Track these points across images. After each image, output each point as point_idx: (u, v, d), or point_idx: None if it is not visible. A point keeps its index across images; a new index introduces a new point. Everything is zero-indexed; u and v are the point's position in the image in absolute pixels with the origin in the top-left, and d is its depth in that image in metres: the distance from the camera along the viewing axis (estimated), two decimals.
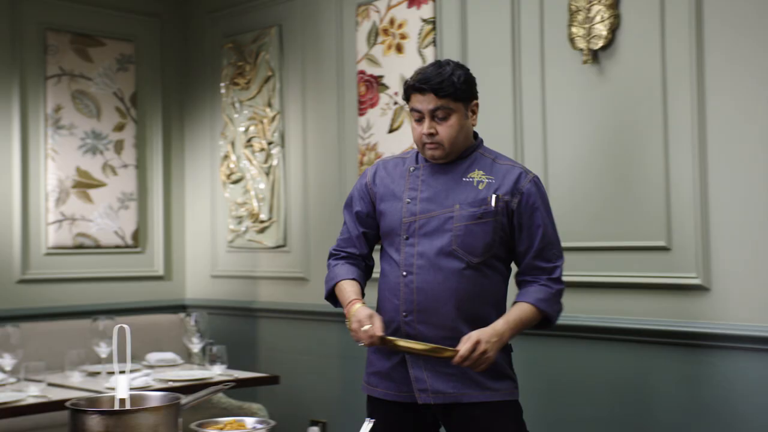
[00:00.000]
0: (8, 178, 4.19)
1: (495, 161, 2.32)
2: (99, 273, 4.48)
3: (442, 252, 2.24)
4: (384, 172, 2.40)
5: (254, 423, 1.97)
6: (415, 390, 2.27)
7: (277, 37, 4.22)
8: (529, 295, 2.27)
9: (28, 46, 4.27)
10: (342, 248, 2.43)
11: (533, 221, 2.27)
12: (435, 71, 2.23)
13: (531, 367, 3.21)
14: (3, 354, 3.08)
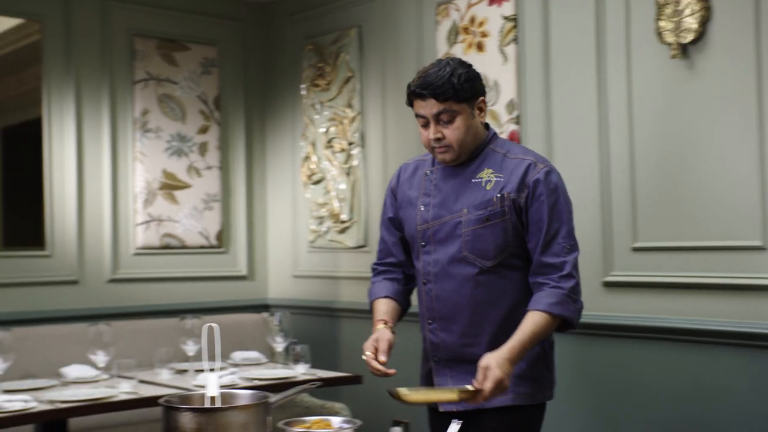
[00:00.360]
0: (99, 181, 4.32)
1: (506, 156, 2.24)
2: (185, 273, 4.58)
3: (454, 259, 2.21)
4: (404, 177, 2.38)
5: (340, 423, 1.98)
6: None
7: (356, 38, 4.24)
8: (540, 302, 2.15)
9: (117, 52, 4.39)
10: (381, 261, 2.43)
11: (539, 215, 2.17)
12: (434, 74, 2.15)
13: (615, 370, 3.13)
14: (96, 351, 3.17)
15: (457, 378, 2.23)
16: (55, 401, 2.90)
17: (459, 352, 2.24)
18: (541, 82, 3.39)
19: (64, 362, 3.87)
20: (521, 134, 3.47)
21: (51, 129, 4.19)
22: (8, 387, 3.13)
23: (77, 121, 4.25)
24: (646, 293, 3.08)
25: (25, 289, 4.10)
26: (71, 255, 4.22)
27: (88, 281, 4.28)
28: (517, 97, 3.47)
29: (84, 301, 4.25)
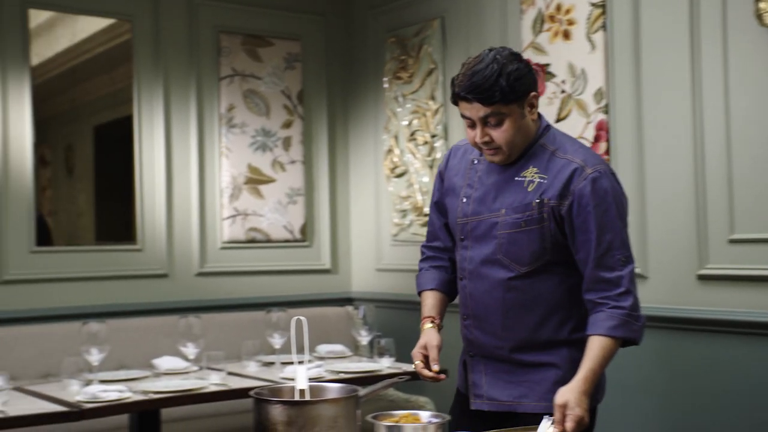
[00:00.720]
0: (186, 176, 4.41)
1: (554, 154, 2.05)
2: (270, 266, 4.63)
3: (487, 260, 2.09)
4: (453, 161, 2.25)
5: (429, 417, 1.95)
6: (470, 395, 2.17)
7: (439, 30, 4.20)
8: (601, 326, 2.01)
9: (204, 49, 4.47)
10: (429, 243, 2.33)
11: (587, 227, 1.99)
12: (480, 75, 1.95)
13: (709, 366, 3.03)
14: (187, 343, 3.23)
15: (491, 375, 2.15)
16: (149, 392, 2.96)
17: (492, 352, 2.15)
18: (631, 69, 3.29)
19: (155, 354, 3.96)
20: (610, 124, 3.37)
21: (141, 126, 4.29)
22: (103, 377, 3.22)
23: (166, 118, 4.34)
24: (742, 287, 2.96)
25: (118, 283, 4.21)
26: (161, 249, 4.32)
27: (177, 275, 4.37)
28: (606, 85, 3.38)
29: (173, 294, 4.35)
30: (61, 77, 4.31)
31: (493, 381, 2.14)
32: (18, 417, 2.67)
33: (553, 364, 2.11)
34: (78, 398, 2.85)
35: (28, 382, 3.61)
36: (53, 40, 4.23)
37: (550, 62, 3.59)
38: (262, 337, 3.82)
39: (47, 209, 4.17)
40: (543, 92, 3.62)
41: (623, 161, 3.33)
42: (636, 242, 3.28)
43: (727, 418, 2.97)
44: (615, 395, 3.35)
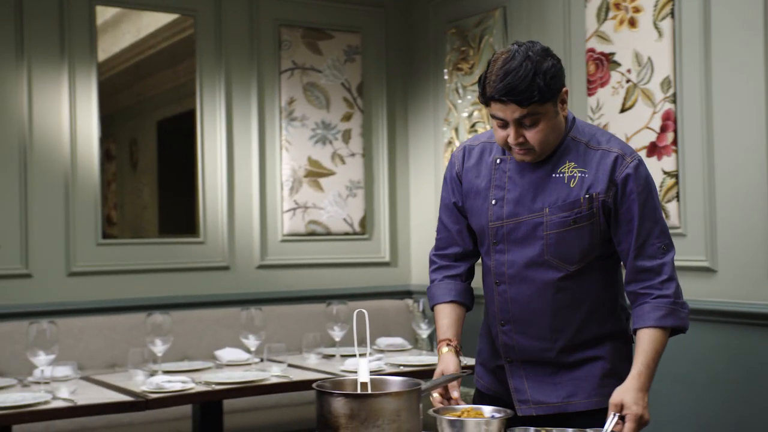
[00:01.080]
0: (248, 169, 4.44)
1: (588, 146, 1.98)
2: (329, 259, 4.65)
3: (533, 262, 1.99)
4: (469, 162, 2.11)
5: (491, 412, 1.92)
6: (515, 401, 2.07)
7: (501, 20, 4.14)
8: (648, 318, 1.94)
9: (265, 43, 4.50)
10: (442, 250, 2.20)
11: (630, 215, 1.94)
12: (515, 75, 1.85)
13: None
14: (248, 335, 3.25)
15: (534, 378, 2.07)
16: (211, 383, 2.99)
17: (536, 355, 2.06)
18: (700, 57, 3.19)
19: (217, 345, 4.01)
20: (677, 113, 3.28)
21: (203, 120, 4.34)
22: (167, 368, 3.27)
23: (227, 112, 4.38)
24: None
25: (181, 275, 4.27)
26: (223, 242, 4.36)
27: (239, 267, 4.41)
28: (673, 74, 3.29)
29: (235, 286, 4.39)
30: (126, 72, 4.39)
31: (536, 385, 2.06)
32: (86, 406, 2.73)
33: (598, 357, 2.05)
34: (143, 388, 2.90)
35: (95, 372, 3.69)
36: (119, 36, 4.31)
37: (615, 51, 3.51)
38: (323, 330, 3.84)
39: (112, 203, 4.25)
40: (607, 82, 3.54)
41: (691, 152, 3.24)
42: (705, 236, 3.19)
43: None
44: (683, 391, 3.27)
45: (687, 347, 3.26)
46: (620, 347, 2.06)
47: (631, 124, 3.44)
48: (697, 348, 3.23)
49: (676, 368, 3.30)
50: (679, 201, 3.28)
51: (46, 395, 2.76)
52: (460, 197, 2.13)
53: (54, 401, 2.73)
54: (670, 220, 3.30)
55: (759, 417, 3.01)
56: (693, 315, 3.21)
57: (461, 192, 2.13)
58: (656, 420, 3.37)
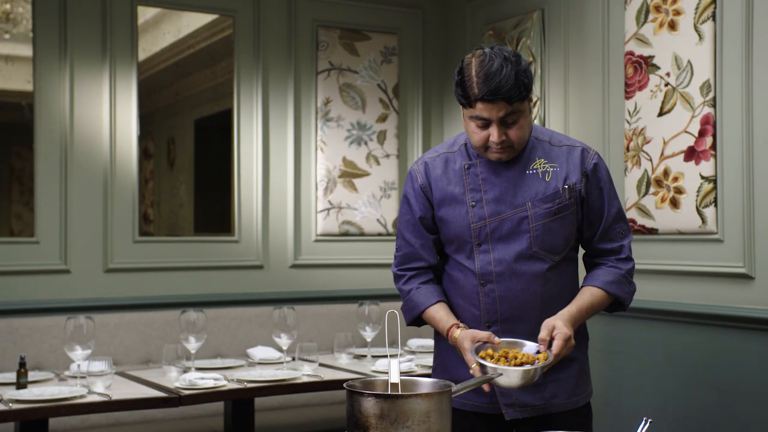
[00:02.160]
0: (284, 169, 4.47)
1: (551, 144, 2.14)
2: (362, 259, 4.65)
3: (521, 256, 2.08)
4: (435, 173, 2.16)
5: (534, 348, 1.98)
6: (502, 405, 2.11)
7: (539, 22, 4.12)
8: (597, 278, 2.13)
9: (302, 43, 4.52)
10: (405, 265, 2.22)
11: (600, 202, 2.13)
12: (499, 74, 1.96)
13: None
14: (281, 334, 3.27)
15: None
16: (243, 380, 3.02)
17: None
18: (741, 61, 3.14)
19: (250, 343, 4.05)
20: (716, 117, 3.24)
21: (240, 119, 4.37)
22: (200, 365, 3.30)
23: (264, 112, 4.41)
24: None
25: (215, 273, 4.31)
26: (257, 240, 4.39)
27: (272, 266, 4.44)
28: (713, 78, 3.24)
29: (268, 285, 4.41)
30: (166, 72, 4.44)
31: (521, 391, 2.10)
32: (120, 401, 2.77)
33: (574, 358, 2.15)
34: (176, 384, 2.93)
35: (130, 367, 3.75)
36: (159, 35, 4.36)
37: (654, 54, 3.47)
38: (354, 330, 3.85)
39: (149, 200, 4.30)
40: (646, 85, 3.51)
41: (730, 157, 3.19)
42: (743, 242, 3.14)
43: None
44: (720, 399, 3.22)
45: (723, 355, 3.21)
46: (587, 347, 2.22)
47: (668, 128, 3.40)
48: (734, 356, 3.18)
49: (712, 376, 3.25)
50: (717, 206, 3.23)
51: (82, 389, 2.80)
52: (427, 210, 2.19)
53: (90, 395, 2.77)
54: (707, 225, 3.25)
55: None
56: (729, 322, 3.17)
57: (429, 204, 2.18)
58: (690, 427, 3.32)
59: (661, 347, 3.46)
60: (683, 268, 3.37)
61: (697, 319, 3.30)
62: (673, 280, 3.40)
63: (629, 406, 3.48)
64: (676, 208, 3.37)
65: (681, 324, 3.37)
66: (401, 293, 2.24)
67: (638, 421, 1.78)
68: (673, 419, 3.37)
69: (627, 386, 3.52)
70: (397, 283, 2.25)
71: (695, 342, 3.32)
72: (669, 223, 3.41)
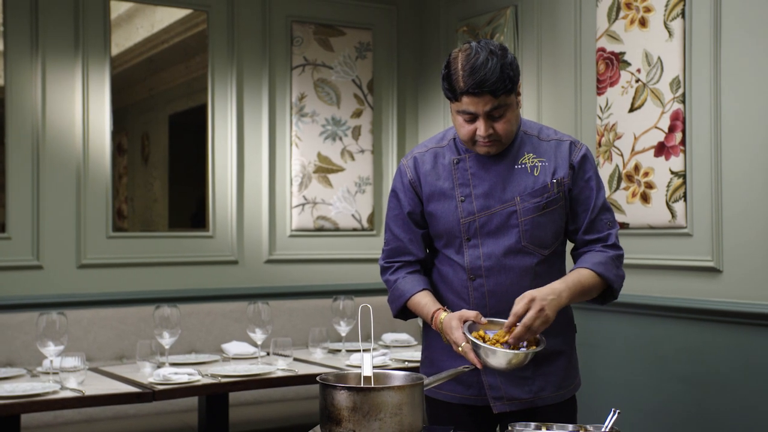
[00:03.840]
0: (258, 164, 4.47)
1: (539, 138, 2.14)
2: (337, 255, 4.66)
3: (510, 250, 2.09)
4: (424, 168, 2.17)
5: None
6: (490, 398, 2.12)
7: (512, 18, 4.15)
8: (585, 261, 2.11)
9: (276, 38, 4.52)
10: (393, 258, 2.22)
11: (587, 193, 2.13)
12: (484, 68, 1.96)
13: None
14: (255, 329, 3.27)
15: (506, 375, 2.10)
16: (218, 375, 3.02)
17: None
18: (710, 58, 3.19)
19: (224, 338, 4.04)
20: (686, 113, 3.28)
21: (214, 115, 4.36)
22: (174, 360, 3.30)
23: (238, 107, 4.41)
24: None
25: (190, 268, 4.30)
26: (231, 236, 4.39)
27: (247, 261, 4.44)
28: (682, 74, 3.29)
29: (243, 281, 4.41)
30: (139, 67, 4.42)
31: (510, 380, 2.11)
32: (94, 396, 2.76)
33: (562, 351, 2.16)
34: (150, 380, 2.93)
35: (103, 363, 3.73)
36: (132, 30, 4.34)
37: (625, 50, 3.51)
38: (329, 325, 3.86)
39: (123, 196, 4.28)
40: (617, 81, 3.55)
41: (699, 152, 3.24)
42: (711, 235, 3.19)
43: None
44: (688, 390, 3.28)
45: (692, 347, 3.27)
46: (574, 340, 2.22)
47: (639, 124, 3.45)
48: (703, 348, 3.23)
49: (682, 368, 3.31)
50: (686, 201, 3.28)
51: (55, 385, 2.79)
52: (416, 205, 2.19)
53: (62, 391, 2.76)
54: (676, 219, 3.30)
55: (764, 417, 3.01)
56: (698, 315, 3.22)
57: (419, 199, 2.18)
58: (660, 422, 3.38)
59: (631, 340, 3.50)
60: (653, 261, 3.42)
61: (667, 312, 3.35)
62: (644, 273, 3.45)
63: (599, 398, 3.53)
64: (647, 203, 3.42)
65: (651, 317, 3.41)
66: (387, 284, 2.24)
67: (607, 412, 1.81)
68: (642, 410, 3.42)
69: (597, 378, 3.56)
70: (383, 275, 2.25)
71: (665, 334, 3.37)
72: (640, 218, 3.45)
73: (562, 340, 2.17)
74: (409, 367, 3.22)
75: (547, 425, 1.83)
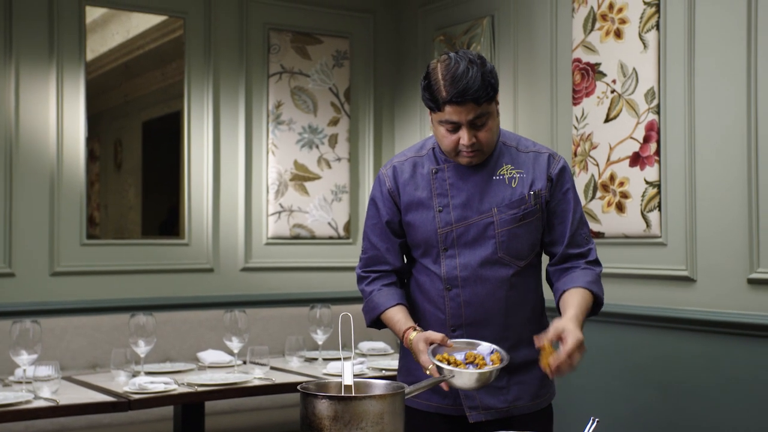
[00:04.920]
0: (234, 172, 4.45)
1: (518, 149, 2.14)
2: (314, 263, 4.66)
3: (487, 261, 2.09)
4: (403, 177, 2.16)
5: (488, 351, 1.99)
6: (465, 408, 2.13)
7: (489, 28, 4.18)
8: (578, 280, 2.09)
9: (253, 46, 4.51)
10: (370, 267, 2.22)
11: (565, 206, 2.13)
12: (466, 76, 1.96)
13: (762, 373, 2.96)
14: (232, 338, 3.26)
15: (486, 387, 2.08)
16: (194, 384, 3.00)
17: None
18: (684, 69, 3.24)
19: (200, 347, 4.02)
20: (660, 124, 3.32)
21: (190, 122, 4.34)
22: (150, 369, 3.27)
23: (215, 114, 4.39)
24: None
25: (165, 276, 4.27)
26: (207, 244, 4.36)
27: (223, 269, 4.41)
28: (657, 85, 3.33)
29: (219, 289, 4.39)
30: (114, 73, 4.39)
31: (484, 390, 2.11)
32: (68, 406, 2.72)
33: (538, 360, 2.11)
34: (125, 389, 2.90)
35: (77, 372, 3.69)
36: (108, 36, 4.31)
37: (601, 61, 3.55)
38: (306, 333, 3.85)
39: (95, 203, 4.24)
40: (593, 92, 3.58)
41: (673, 162, 3.28)
42: (685, 245, 3.23)
43: None
44: (663, 399, 3.31)
45: (666, 356, 3.30)
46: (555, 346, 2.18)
47: (614, 134, 3.48)
48: (677, 356, 3.27)
49: (656, 376, 3.34)
50: (661, 211, 3.32)
51: (28, 395, 2.75)
52: (394, 214, 2.19)
53: (36, 401, 2.72)
54: (651, 229, 3.34)
55: (737, 425, 3.05)
56: (672, 323, 3.26)
57: (397, 208, 2.18)
58: (635, 427, 3.40)
59: (605, 348, 3.53)
60: (628, 271, 3.45)
61: (642, 321, 3.38)
62: (619, 282, 3.48)
63: (574, 406, 3.55)
64: (622, 213, 3.45)
65: (626, 325, 3.45)
66: (363, 294, 2.24)
67: (584, 421, 1.82)
68: (617, 418, 3.44)
69: (572, 386, 3.58)
70: (360, 285, 2.25)
71: (639, 343, 3.40)
72: (615, 227, 3.48)
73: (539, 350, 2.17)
74: (386, 375, 3.21)
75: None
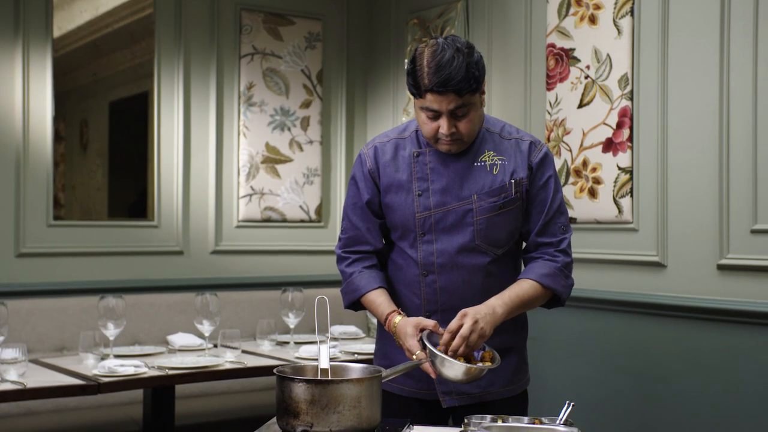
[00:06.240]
0: (205, 154, 4.40)
1: (501, 136, 2.12)
2: (285, 246, 4.63)
3: (464, 248, 2.08)
4: (384, 158, 2.15)
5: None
6: (439, 393, 2.14)
7: (462, 12, 4.16)
8: (532, 271, 2.10)
9: (225, 26, 4.45)
10: (350, 247, 2.20)
11: (544, 195, 2.11)
12: (450, 66, 1.93)
13: (729, 358, 3.00)
14: (203, 321, 3.22)
15: None
16: (164, 367, 2.97)
17: None
18: (657, 56, 3.25)
19: (169, 330, 3.98)
20: (633, 110, 3.34)
21: (160, 102, 4.27)
22: (119, 352, 3.23)
23: (185, 95, 4.33)
24: (763, 277, 2.93)
25: (134, 258, 4.21)
26: (177, 226, 4.31)
27: (193, 252, 4.37)
28: (631, 71, 3.34)
29: (188, 272, 4.35)
30: (82, 51, 4.30)
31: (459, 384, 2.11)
32: (36, 389, 2.68)
33: (512, 348, 2.17)
34: (95, 372, 2.86)
35: (44, 355, 3.64)
36: (76, 13, 4.21)
37: (575, 47, 3.55)
38: (277, 316, 3.83)
39: (60, 184, 4.16)
40: (566, 77, 3.59)
41: (646, 148, 3.30)
42: (656, 231, 3.26)
43: (746, 408, 2.96)
44: (633, 384, 3.34)
45: (637, 340, 3.33)
46: (526, 337, 2.23)
47: (588, 120, 3.50)
48: (647, 341, 3.30)
49: (628, 360, 3.37)
50: (633, 197, 3.34)
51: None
52: (375, 194, 2.17)
53: (2, 384, 2.68)
54: (623, 215, 3.36)
55: (709, 410, 3.09)
56: (643, 309, 3.29)
57: (377, 189, 2.16)
58: (606, 414, 3.44)
59: (577, 333, 3.56)
60: (600, 256, 3.47)
61: (613, 306, 3.41)
62: (590, 267, 3.50)
63: (547, 391, 3.57)
64: (594, 198, 3.47)
65: (597, 310, 3.47)
66: (343, 275, 2.22)
67: (558, 405, 1.83)
68: (588, 403, 3.48)
69: (543, 371, 3.61)
70: (339, 265, 2.23)
71: (610, 327, 3.43)
72: (587, 213, 3.50)
73: (514, 336, 2.18)
74: (359, 359, 3.21)
75: (503, 417, 1.84)
